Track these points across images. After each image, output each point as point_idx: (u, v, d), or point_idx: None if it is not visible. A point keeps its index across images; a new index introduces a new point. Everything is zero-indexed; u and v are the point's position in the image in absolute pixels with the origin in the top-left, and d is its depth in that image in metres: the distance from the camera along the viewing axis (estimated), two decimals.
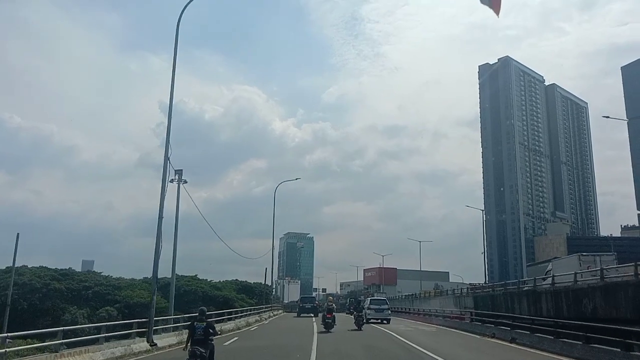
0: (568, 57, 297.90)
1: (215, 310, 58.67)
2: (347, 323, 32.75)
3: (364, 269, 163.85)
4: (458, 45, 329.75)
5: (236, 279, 78.78)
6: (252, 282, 77.19)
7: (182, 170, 38.23)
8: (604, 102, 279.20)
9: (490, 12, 8.81)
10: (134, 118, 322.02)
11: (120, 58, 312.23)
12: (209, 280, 67.43)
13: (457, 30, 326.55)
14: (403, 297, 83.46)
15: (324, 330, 27.12)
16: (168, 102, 21.09)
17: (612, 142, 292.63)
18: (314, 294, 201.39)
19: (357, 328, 29.25)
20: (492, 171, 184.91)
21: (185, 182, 38.42)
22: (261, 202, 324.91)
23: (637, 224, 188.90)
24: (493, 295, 31.13)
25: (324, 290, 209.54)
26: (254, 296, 69.77)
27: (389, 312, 39.09)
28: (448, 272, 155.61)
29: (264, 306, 48.72)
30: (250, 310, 40.68)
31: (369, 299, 43.25)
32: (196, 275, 67.03)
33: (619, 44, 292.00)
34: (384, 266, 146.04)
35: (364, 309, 34.42)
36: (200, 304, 59.01)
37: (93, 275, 58.60)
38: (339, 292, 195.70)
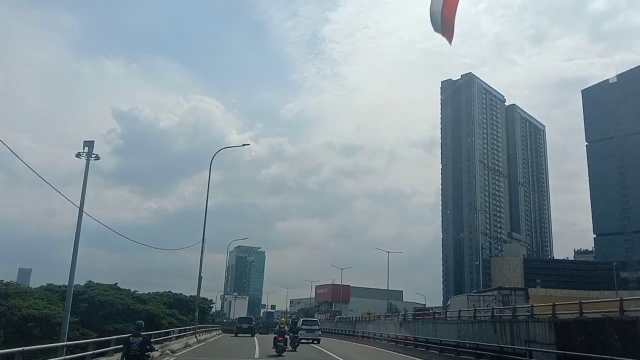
0: (519, 87, 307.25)
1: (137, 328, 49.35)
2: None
3: (317, 286, 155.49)
4: (415, 70, 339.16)
5: (169, 291, 68.74)
6: (187, 296, 67.21)
7: (93, 141, 29.01)
8: (552, 132, 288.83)
9: (445, 40, 8.82)
10: (85, 124, 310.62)
11: (74, 61, 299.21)
12: (132, 290, 57.31)
13: (414, 55, 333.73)
14: (339, 319, 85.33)
15: (275, 354, 25.58)
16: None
17: (561, 171, 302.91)
18: (262, 311, 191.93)
19: (291, 349, 28.06)
20: (451, 189, 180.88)
21: (97, 158, 29.15)
22: (214, 215, 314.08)
23: (589, 249, 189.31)
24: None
25: (273, 307, 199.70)
26: (189, 312, 59.71)
27: (319, 332, 41.82)
28: (402, 291, 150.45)
29: (187, 328, 36.98)
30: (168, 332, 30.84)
31: (302, 319, 46.00)
32: (116, 284, 56.77)
33: (566, 77, 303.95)
34: (338, 283, 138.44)
35: (299, 329, 34.97)
36: (118, 319, 48.64)
37: None
38: (288, 310, 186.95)
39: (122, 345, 13.51)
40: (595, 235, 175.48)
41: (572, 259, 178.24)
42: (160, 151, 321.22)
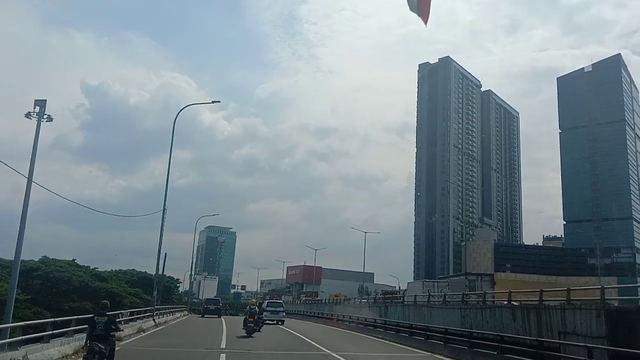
0: (492, 76, 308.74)
1: (94, 307, 45.81)
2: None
3: (288, 267, 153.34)
4: (391, 55, 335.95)
5: (133, 269, 65.35)
6: (152, 274, 63.96)
7: (45, 101, 25.72)
8: (522, 121, 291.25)
9: (422, 25, 8.78)
10: (52, 97, 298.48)
11: (41, 32, 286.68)
12: (92, 267, 53.75)
13: (390, 39, 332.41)
14: (304, 301, 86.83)
15: (245, 335, 25.25)
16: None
17: (529, 159, 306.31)
18: (232, 292, 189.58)
19: (257, 330, 27.57)
20: (425, 172, 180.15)
21: (50, 119, 25.87)
22: (184, 194, 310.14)
23: (557, 235, 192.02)
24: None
25: (243, 287, 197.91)
26: (159, 291, 56.70)
27: (284, 314, 42.76)
28: (373, 273, 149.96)
29: (142, 309, 31.88)
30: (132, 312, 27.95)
31: (267, 301, 46.46)
32: (74, 260, 53.15)
33: (538, 68, 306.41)
34: (310, 264, 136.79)
35: (264, 310, 35.42)
36: (75, 297, 45.31)
37: None
38: (259, 290, 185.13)
39: (85, 326, 13.38)
40: (565, 222, 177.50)
41: (542, 245, 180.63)
42: (130, 128, 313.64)
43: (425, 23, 8.82)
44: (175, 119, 27.90)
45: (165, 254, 45.50)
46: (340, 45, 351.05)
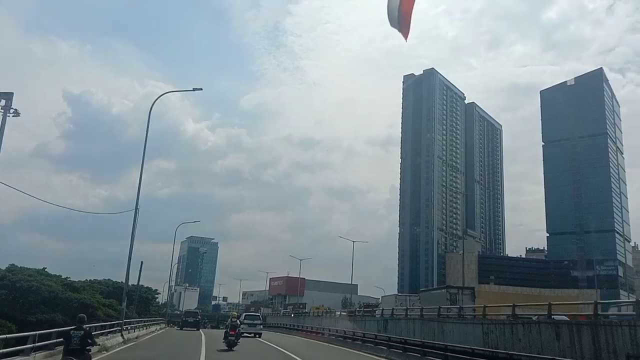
0: (473, 91, 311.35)
1: (64, 319, 43.02)
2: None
3: (271, 278, 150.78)
4: (375, 68, 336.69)
5: (108, 279, 62.69)
6: (130, 285, 61.35)
7: (12, 93, 23.98)
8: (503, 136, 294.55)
9: (404, 40, 9.02)
10: (34, 105, 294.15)
11: (24, 40, 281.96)
12: (64, 277, 51.17)
13: (374, 53, 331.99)
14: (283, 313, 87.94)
15: (226, 348, 24.54)
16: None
17: (509, 173, 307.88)
18: (213, 303, 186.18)
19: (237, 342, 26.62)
20: (409, 183, 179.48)
21: (17, 114, 24.14)
22: (166, 204, 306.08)
23: (540, 247, 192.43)
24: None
25: (224, 299, 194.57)
26: (131, 303, 54.23)
27: (261, 327, 43.23)
28: (357, 285, 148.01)
29: (107, 324, 27.08)
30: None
31: (244, 314, 46.23)
32: (44, 268, 50.51)
33: (518, 83, 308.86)
34: (294, 275, 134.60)
35: (241, 323, 34.74)
36: (44, 309, 42.69)
37: None
38: (241, 302, 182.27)
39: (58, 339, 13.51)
40: (548, 234, 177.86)
41: (524, 257, 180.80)
42: (113, 137, 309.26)
43: (406, 39, 9.08)
44: (151, 108, 26.13)
45: (142, 262, 43.36)
46: (325, 58, 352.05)
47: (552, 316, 14.16)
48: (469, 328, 19.20)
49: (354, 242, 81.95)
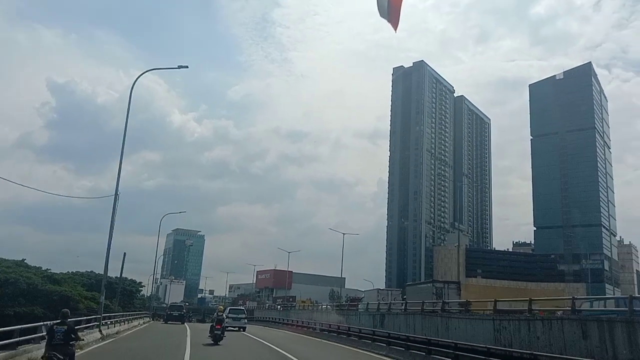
0: (461, 85, 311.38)
1: (44, 313, 41.15)
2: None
3: (258, 271, 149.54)
4: (363, 61, 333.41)
5: (91, 271, 60.74)
6: (113, 277, 59.56)
7: None
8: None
9: (394, 32, 9.05)
10: (16, 94, 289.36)
11: (8, 28, 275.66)
12: (44, 269, 49.27)
13: (363, 46, 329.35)
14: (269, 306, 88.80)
15: (212, 342, 24.27)
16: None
17: (495, 167, 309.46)
18: (199, 296, 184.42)
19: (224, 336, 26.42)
20: (398, 176, 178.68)
21: None
22: (152, 196, 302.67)
23: (527, 241, 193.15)
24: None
25: (211, 292, 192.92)
26: (114, 295, 52.47)
27: (245, 320, 43.67)
28: (345, 278, 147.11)
29: (83, 319, 24.76)
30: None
31: (229, 308, 46.59)
32: (24, 260, 48.58)
33: (506, 77, 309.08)
34: (281, 268, 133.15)
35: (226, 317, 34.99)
36: (22, 301, 40.77)
37: None
38: (227, 295, 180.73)
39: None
40: (535, 228, 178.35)
41: (512, 250, 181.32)
42: (97, 128, 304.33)
43: (395, 29, 9.10)
44: (133, 86, 24.21)
45: (125, 253, 41.48)
46: (313, 50, 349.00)
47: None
48: (477, 324, 17.79)
49: (344, 234, 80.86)
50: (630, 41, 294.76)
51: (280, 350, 23.19)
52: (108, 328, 27.33)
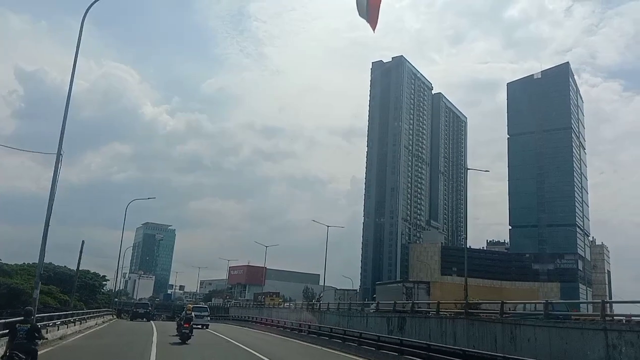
0: (435, 85, 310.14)
1: None
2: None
3: (230, 267, 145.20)
4: (340, 58, 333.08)
5: (49, 262, 56.22)
6: (72, 270, 55.12)
7: None
8: None
9: (370, 31, 9.15)
10: None
11: None
12: None
13: (339, 43, 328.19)
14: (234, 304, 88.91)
15: (179, 341, 23.79)
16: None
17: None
18: (169, 291, 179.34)
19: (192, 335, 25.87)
20: (375, 172, 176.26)
21: None
22: (122, 189, 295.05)
23: (501, 240, 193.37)
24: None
25: (181, 287, 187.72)
26: (70, 290, 48.09)
27: (209, 318, 45.56)
28: (319, 275, 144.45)
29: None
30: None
31: (193, 306, 46.89)
32: None
33: (479, 79, 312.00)
34: (254, 264, 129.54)
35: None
36: None
37: None
38: (198, 291, 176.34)
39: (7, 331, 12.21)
40: (510, 227, 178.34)
41: (486, 249, 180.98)
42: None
43: (374, 29, 9.46)
44: (86, 13, 20.11)
45: (83, 241, 37.57)
46: (289, 46, 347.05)
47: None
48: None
49: (328, 226, 77.30)
50: (598, 47, 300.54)
51: (249, 349, 23.03)
52: (47, 332, 21.55)
